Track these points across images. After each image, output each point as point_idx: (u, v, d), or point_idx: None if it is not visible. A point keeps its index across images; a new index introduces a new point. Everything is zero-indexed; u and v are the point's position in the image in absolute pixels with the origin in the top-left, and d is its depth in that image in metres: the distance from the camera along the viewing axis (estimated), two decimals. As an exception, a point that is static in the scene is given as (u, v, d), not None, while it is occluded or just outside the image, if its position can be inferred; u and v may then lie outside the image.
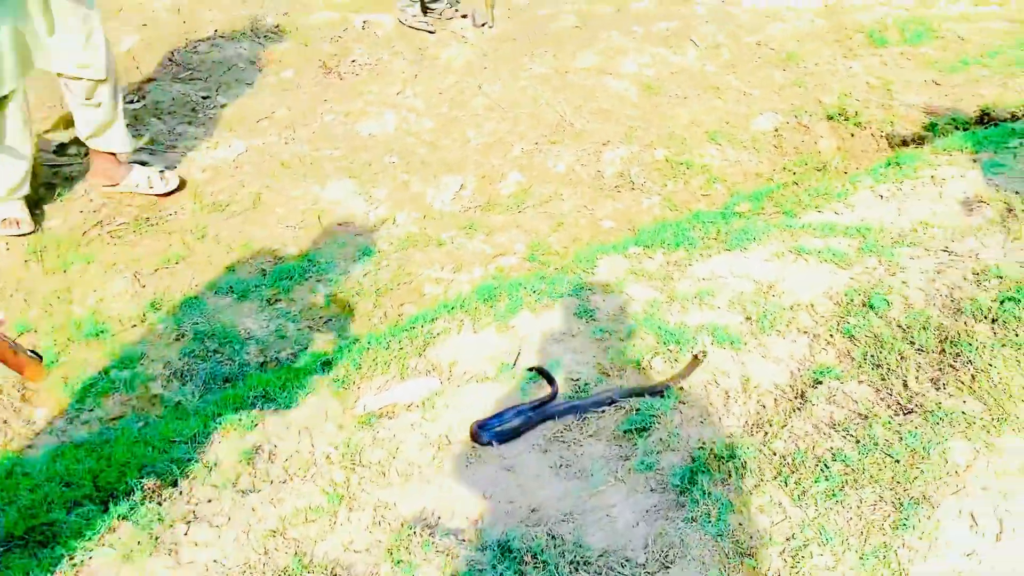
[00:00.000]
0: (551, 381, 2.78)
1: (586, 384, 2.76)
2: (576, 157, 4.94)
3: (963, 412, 2.21)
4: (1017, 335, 2.48)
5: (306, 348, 3.51)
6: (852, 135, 5.28)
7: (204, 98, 4.95)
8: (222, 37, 5.49)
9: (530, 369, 2.87)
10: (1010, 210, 3.56)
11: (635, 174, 4.86)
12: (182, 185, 4.23)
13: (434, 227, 4.28)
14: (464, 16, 6.19)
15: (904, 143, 5.25)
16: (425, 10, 6.07)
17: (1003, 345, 2.45)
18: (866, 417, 2.27)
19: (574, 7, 6.58)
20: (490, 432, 2.58)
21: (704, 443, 2.25)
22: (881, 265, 3.23)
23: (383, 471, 2.49)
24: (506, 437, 2.57)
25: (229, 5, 5.86)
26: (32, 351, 1.85)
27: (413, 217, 4.34)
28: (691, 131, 5.27)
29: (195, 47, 5.34)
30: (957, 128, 5.33)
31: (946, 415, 2.20)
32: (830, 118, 5.43)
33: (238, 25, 5.61)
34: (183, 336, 3.45)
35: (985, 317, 2.63)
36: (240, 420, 2.77)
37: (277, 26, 5.71)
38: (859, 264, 3.28)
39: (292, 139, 4.74)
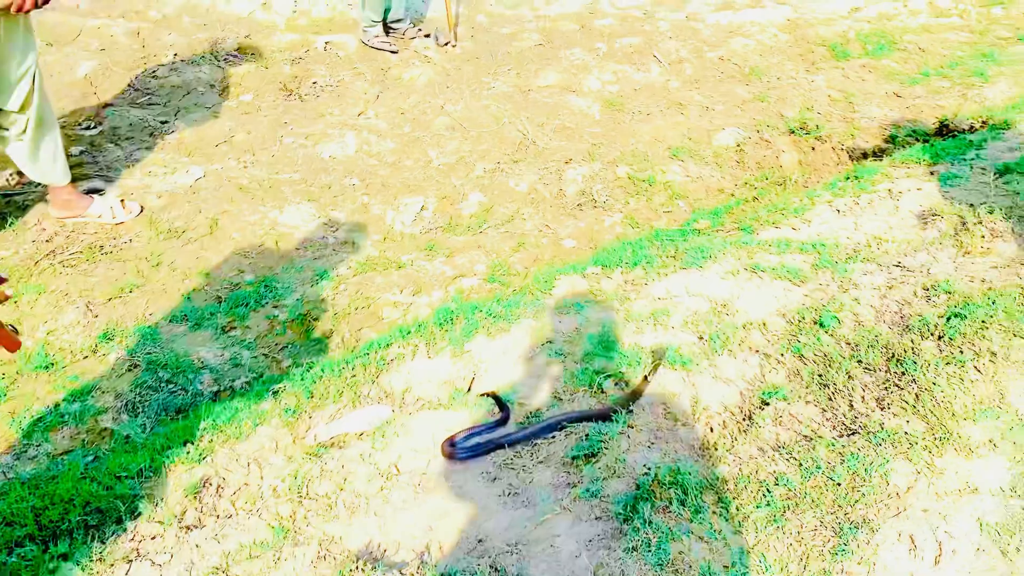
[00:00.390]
0: (503, 407, 2.75)
1: (538, 410, 2.74)
2: (538, 176, 4.94)
3: (906, 433, 2.20)
4: (961, 352, 2.49)
5: (261, 376, 3.47)
6: (813, 149, 5.32)
7: (162, 123, 4.91)
8: (182, 61, 5.46)
9: (482, 394, 2.85)
10: (963, 223, 3.58)
11: (597, 192, 4.87)
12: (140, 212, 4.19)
13: (394, 249, 4.26)
14: (427, 36, 6.19)
15: (865, 155, 5.29)
16: (388, 30, 6.06)
17: (947, 363, 2.45)
18: (810, 439, 2.26)
19: (537, 25, 6.60)
20: (462, 451, 2.57)
21: (649, 469, 2.23)
22: (834, 281, 3.24)
23: (330, 504, 2.46)
24: (477, 453, 2.56)
25: (189, 28, 5.83)
26: (11, 325, 1.79)
27: (373, 240, 4.31)
28: (654, 148, 5.28)
29: (154, 71, 5.30)
30: (917, 140, 5.38)
31: (888, 436, 2.20)
32: (792, 132, 5.46)
33: (198, 49, 5.57)
34: (135, 367, 3.40)
35: (931, 334, 2.63)
36: (188, 453, 2.73)
37: (238, 49, 5.68)
38: (813, 281, 3.28)
39: (251, 163, 4.71)
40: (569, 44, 6.33)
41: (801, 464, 2.14)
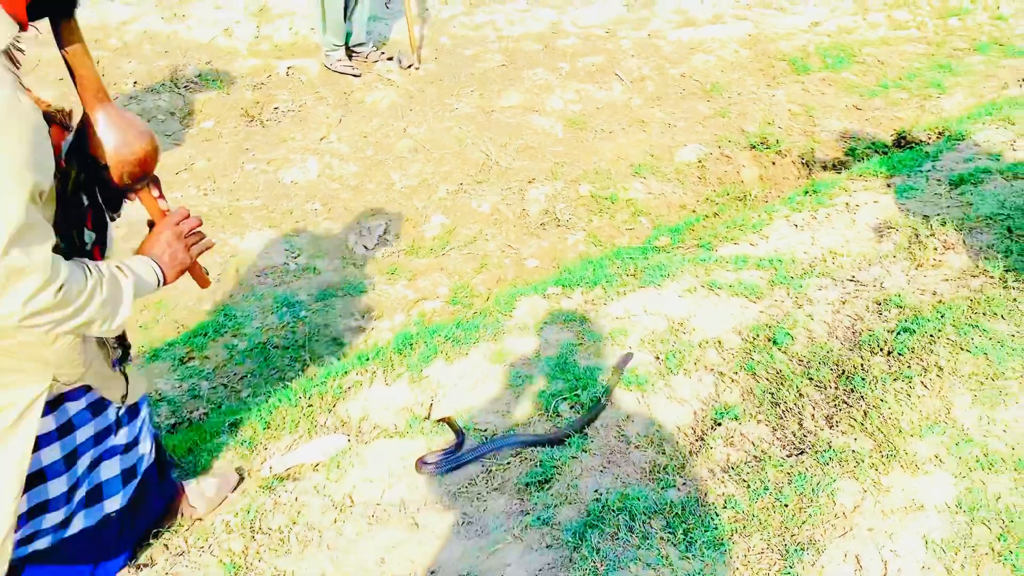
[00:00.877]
0: (458, 433, 2.74)
1: (493, 435, 2.73)
2: (501, 196, 4.95)
3: (853, 451, 2.21)
4: (909, 367, 2.50)
5: (220, 407, 3.43)
6: (773, 163, 5.36)
7: (121, 152, 4.86)
8: (142, 89, 5.43)
9: (437, 421, 2.83)
10: (917, 236, 3.62)
11: (560, 211, 4.88)
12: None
13: (356, 274, 4.24)
14: (390, 59, 6.19)
15: (825, 168, 5.34)
16: (350, 54, 6.07)
17: (895, 379, 2.46)
18: (760, 460, 2.26)
19: (500, 45, 6.63)
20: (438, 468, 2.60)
21: (600, 495, 2.23)
22: (789, 297, 3.26)
23: (283, 538, 2.43)
24: (449, 468, 2.60)
25: (150, 56, 5.80)
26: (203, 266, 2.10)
27: (335, 264, 4.29)
28: (616, 165, 5.31)
29: (113, 100, 5.25)
30: (876, 152, 5.45)
31: (836, 455, 2.20)
32: (753, 147, 5.51)
33: (158, 76, 5.55)
34: (91, 401, 3.35)
35: (881, 350, 2.65)
36: (141, 489, 2.69)
37: (199, 75, 5.66)
38: (769, 297, 3.30)
39: (211, 190, 4.68)
40: (532, 64, 6.36)
41: (750, 486, 2.15)
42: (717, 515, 2.06)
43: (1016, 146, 4.69)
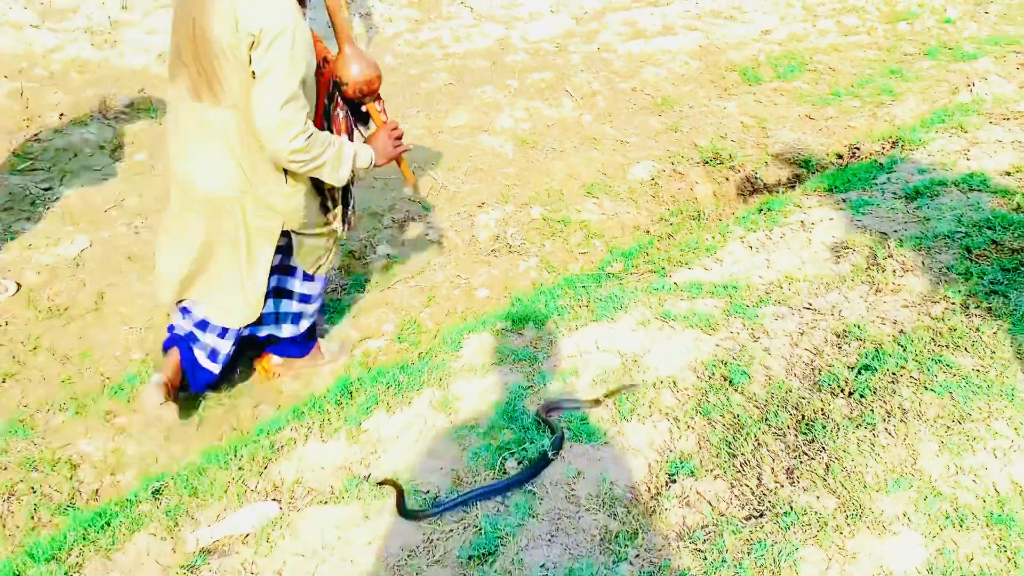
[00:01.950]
0: (400, 494, 2.55)
1: (435, 496, 2.54)
2: (450, 223, 4.76)
3: (816, 512, 2.06)
4: (872, 411, 2.37)
5: (149, 467, 3.20)
6: (727, 179, 5.25)
7: (45, 190, 4.60)
8: (69, 121, 5.16)
9: (378, 483, 2.64)
10: (874, 257, 3.51)
11: (511, 236, 4.71)
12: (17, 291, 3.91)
13: (296, 313, 4.03)
14: (332, 80, 6.00)
15: (779, 182, 5.24)
16: (290, 77, 5.86)
17: (857, 425, 2.32)
18: (717, 524, 2.10)
19: (447, 63, 6.46)
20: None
21: (547, 570, 2.05)
22: (745, 329, 3.12)
23: (204, 626, 2.22)
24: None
25: (78, 86, 5.54)
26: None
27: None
28: (568, 186, 5.15)
29: (37, 135, 4.99)
30: (830, 163, 5.36)
31: (798, 517, 2.05)
32: (706, 163, 5.39)
33: (86, 107, 5.28)
34: (6, 468, 3.11)
35: (842, 391, 2.51)
36: (52, 573, 2.47)
37: (131, 104, 5.41)
38: (724, 328, 3.16)
39: (143, 228, 4.43)
40: (480, 82, 6.19)
41: (706, 557, 1.98)
42: (671, 594, 1.90)
43: (969, 155, 4.62)
